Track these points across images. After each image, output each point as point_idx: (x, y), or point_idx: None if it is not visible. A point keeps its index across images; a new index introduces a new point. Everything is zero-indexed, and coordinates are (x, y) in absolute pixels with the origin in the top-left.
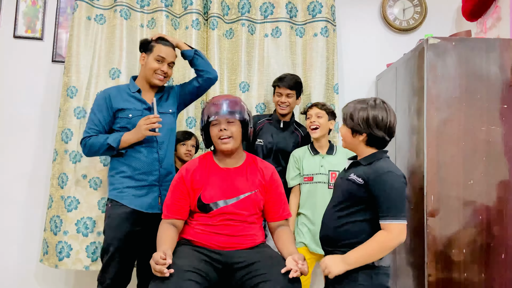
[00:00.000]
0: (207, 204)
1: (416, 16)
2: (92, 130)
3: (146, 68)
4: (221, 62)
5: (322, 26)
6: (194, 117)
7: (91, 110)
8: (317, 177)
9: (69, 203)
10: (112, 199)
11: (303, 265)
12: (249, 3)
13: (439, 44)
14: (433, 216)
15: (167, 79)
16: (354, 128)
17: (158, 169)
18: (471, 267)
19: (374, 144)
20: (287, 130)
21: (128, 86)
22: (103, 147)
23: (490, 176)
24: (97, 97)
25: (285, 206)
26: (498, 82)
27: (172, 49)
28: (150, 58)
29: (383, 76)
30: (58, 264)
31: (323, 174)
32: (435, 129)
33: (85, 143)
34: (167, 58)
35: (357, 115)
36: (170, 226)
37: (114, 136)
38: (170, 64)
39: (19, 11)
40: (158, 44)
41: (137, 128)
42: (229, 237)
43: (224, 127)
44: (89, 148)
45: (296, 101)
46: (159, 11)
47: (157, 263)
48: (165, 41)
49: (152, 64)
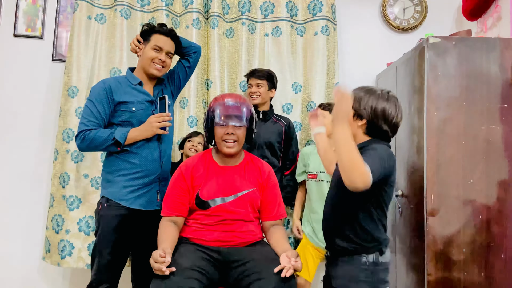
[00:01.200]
0: (205, 201)
1: (417, 16)
2: (92, 122)
3: (143, 58)
4: (222, 61)
5: (322, 24)
6: (196, 116)
7: (88, 101)
8: (321, 175)
9: (71, 202)
10: (108, 198)
11: (297, 261)
12: (249, 2)
13: (440, 44)
14: (433, 215)
15: (166, 69)
16: (358, 112)
17: (160, 165)
18: (471, 267)
19: (373, 134)
20: (268, 121)
21: (127, 78)
22: (107, 142)
23: (490, 175)
24: (95, 87)
25: (280, 206)
26: (498, 82)
27: (170, 39)
28: (147, 48)
29: (383, 75)
30: (60, 262)
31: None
32: (435, 128)
33: (83, 136)
34: (164, 48)
35: (366, 100)
36: (170, 224)
37: (121, 131)
38: (168, 54)
39: (19, 9)
40: (156, 33)
41: (147, 125)
42: (226, 234)
43: (231, 131)
44: (89, 142)
45: (268, 92)
46: (160, 10)
47: (156, 262)
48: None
49: (149, 53)
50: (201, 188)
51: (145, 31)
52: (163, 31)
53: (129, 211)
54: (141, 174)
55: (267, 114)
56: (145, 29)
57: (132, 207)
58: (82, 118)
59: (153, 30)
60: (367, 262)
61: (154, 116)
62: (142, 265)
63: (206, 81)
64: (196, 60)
